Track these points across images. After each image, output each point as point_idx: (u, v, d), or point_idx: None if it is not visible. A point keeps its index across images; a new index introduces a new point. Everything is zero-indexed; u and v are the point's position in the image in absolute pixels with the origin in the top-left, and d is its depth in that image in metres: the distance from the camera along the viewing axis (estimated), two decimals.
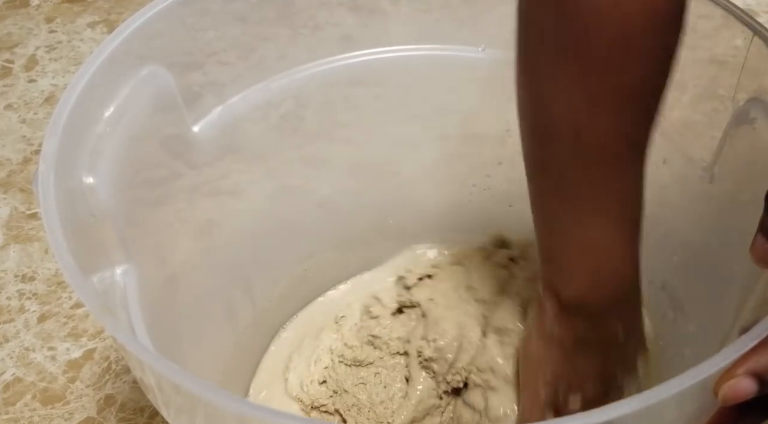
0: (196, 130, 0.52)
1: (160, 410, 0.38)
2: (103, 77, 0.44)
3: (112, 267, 0.43)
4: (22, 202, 0.71)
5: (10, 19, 0.90)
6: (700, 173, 0.50)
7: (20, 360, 0.60)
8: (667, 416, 0.33)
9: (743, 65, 0.46)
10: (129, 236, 0.44)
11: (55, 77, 0.83)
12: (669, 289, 0.54)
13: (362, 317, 0.60)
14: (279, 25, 0.54)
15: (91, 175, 0.42)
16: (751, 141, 0.46)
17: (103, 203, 0.42)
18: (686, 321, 0.52)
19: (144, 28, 0.47)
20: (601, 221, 0.42)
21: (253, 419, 0.32)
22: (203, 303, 0.53)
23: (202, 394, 0.32)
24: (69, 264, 0.36)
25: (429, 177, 0.62)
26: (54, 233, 0.37)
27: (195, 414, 0.35)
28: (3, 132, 0.78)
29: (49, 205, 0.38)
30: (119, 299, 0.42)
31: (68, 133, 0.41)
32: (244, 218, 0.56)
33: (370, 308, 0.60)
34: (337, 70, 0.56)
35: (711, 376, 0.32)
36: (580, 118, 0.39)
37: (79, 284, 0.36)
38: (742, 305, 0.44)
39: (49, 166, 0.39)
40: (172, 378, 0.32)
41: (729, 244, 0.46)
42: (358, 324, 0.60)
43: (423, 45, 0.57)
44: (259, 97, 0.54)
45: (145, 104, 0.47)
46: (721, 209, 0.49)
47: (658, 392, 0.31)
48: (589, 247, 0.43)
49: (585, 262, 0.44)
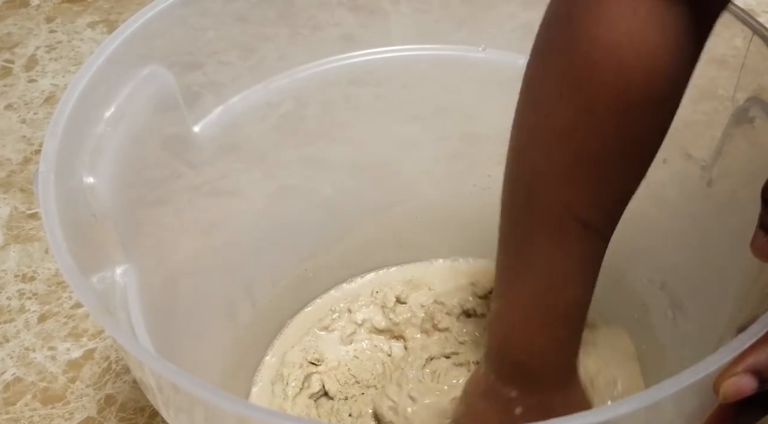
0: (196, 130, 0.52)
1: (160, 410, 0.38)
2: (103, 77, 0.44)
3: (112, 267, 0.43)
4: (22, 202, 0.71)
5: (10, 19, 0.90)
6: (699, 173, 0.50)
7: (20, 360, 0.60)
8: (665, 415, 0.33)
9: (743, 65, 0.46)
10: (129, 236, 0.44)
11: (55, 77, 0.83)
12: (669, 288, 0.54)
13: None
14: (279, 25, 0.54)
15: (92, 175, 0.42)
16: (751, 140, 0.46)
17: (104, 203, 0.42)
18: (686, 320, 0.53)
19: (144, 28, 0.47)
20: (525, 294, 0.41)
21: (251, 420, 0.32)
22: (203, 303, 0.53)
23: (201, 394, 0.32)
24: (68, 265, 0.36)
25: (429, 177, 0.62)
26: (53, 234, 0.37)
27: (194, 414, 0.35)
28: (3, 132, 0.78)
29: (48, 206, 0.38)
30: (119, 299, 0.42)
31: (68, 133, 0.41)
32: (244, 217, 0.56)
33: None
34: (337, 70, 0.56)
35: (709, 375, 0.32)
36: (535, 180, 0.38)
37: (78, 284, 0.36)
38: (740, 305, 0.44)
39: (50, 167, 0.39)
40: (171, 379, 0.32)
41: (729, 243, 0.46)
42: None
43: (423, 45, 0.57)
44: (259, 97, 0.54)
45: (145, 104, 0.47)
46: (720, 208, 0.49)
47: (656, 391, 0.31)
48: (503, 316, 0.42)
49: (498, 330, 0.43)
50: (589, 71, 0.34)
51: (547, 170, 0.37)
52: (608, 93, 0.34)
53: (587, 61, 0.34)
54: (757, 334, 0.33)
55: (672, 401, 0.31)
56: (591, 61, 0.34)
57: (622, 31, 0.33)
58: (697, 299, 0.51)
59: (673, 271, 0.53)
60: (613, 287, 0.57)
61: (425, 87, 0.58)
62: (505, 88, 0.43)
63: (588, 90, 0.34)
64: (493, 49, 0.56)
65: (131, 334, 0.40)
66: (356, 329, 0.61)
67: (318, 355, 0.59)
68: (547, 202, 0.38)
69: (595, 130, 0.35)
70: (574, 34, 0.34)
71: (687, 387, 0.31)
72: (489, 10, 0.55)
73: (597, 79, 0.34)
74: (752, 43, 0.45)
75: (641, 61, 0.33)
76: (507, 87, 0.41)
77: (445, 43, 0.57)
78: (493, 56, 0.56)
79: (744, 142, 0.47)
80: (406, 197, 0.62)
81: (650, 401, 0.30)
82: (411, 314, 0.60)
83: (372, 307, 0.62)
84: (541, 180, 0.38)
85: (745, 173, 0.47)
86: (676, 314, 0.53)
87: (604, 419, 0.30)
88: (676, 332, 0.53)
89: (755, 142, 0.45)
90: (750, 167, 0.46)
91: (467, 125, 0.58)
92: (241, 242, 0.56)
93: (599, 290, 0.58)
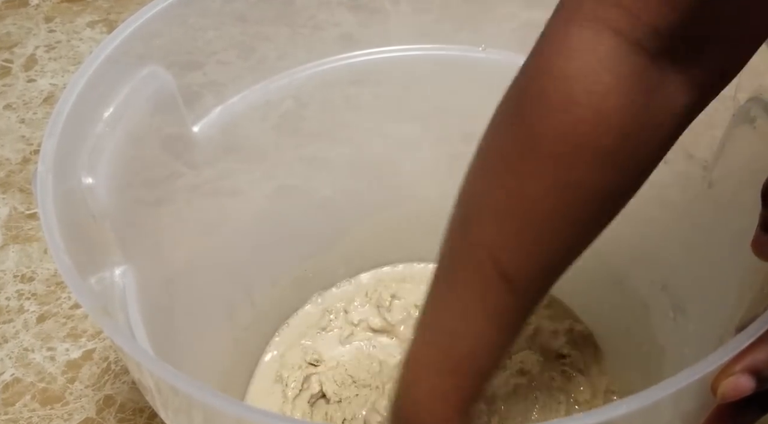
0: (195, 131, 0.52)
1: (159, 411, 0.38)
2: (102, 77, 0.44)
3: (110, 268, 0.43)
4: (21, 203, 0.71)
5: (9, 18, 0.90)
6: (701, 173, 0.50)
7: (19, 361, 0.60)
8: (664, 416, 0.33)
9: None
10: (128, 237, 0.44)
11: (55, 77, 0.83)
12: (669, 289, 0.54)
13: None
14: (279, 24, 0.54)
15: (90, 175, 0.42)
16: (752, 140, 0.46)
17: (102, 204, 0.42)
18: (686, 321, 0.52)
19: (144, 28, 0.47)
20: (426, 332, 0.37)
21: (250, 422, 0.32)
22: (202, 303, 0.53)
23: (199, 396, 0.32)
24: (66, 265, 0.36)
25: (429, 177, 0.61)
26: (52, 234, 0.37)
27: (193, 416, 0.35)
28: (2, 132, 0.78)
29: (47, 206, 0.38)
30: (118, 299, 0.42)
31: (67, 133, 0.41)
32: (244, 217, 0.56)
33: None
34: (337, 70, 0.56)
35: (707, 375, 0.32)
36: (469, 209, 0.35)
37: (76, 285, 0.35)
38: (740, 305, 0.44)
39: (48, 167, 0.39)
40: (169, 381, 0.32)
41: (730, 243, 0.46)
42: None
43: (423, 45, 0.57)
44: (259, 97, 0.54)
45: (144, 104, 0.47)
46: (721, 208, 0.49)
47: (655, 391, 0.30)
48: (406, 352, 0.38)
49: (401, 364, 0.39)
50: (537, 100, 0.32)
51: (481, 200, 0.34)
52: (553, 127, 0.31)
53: (537, 89, 0.32)
54: (756, 333, 0.32)
55: (670, 401, 0.31)
56: (541, 90, 0.32)
57: (577, 65, 0.31)
58: (698, 300, 0.51)
59: (674, 272, 0.53)
60: (614, 288, 0.57)
61: (425, 87, 0.58)
62: (505, 88, 0.43)
63: (532, 119, 0.32)
64: (493, 49, 0.56)
65: (130, 335, 0.40)
66: (353, 329, 0.61)
67: (317, 355, 0.59)
68: (474, 236, 0.34)
69: (533, 166, 0.32)
70: (536, 61, 0.32)
71: (685, 387, 0.31)
72: (489, 10, 0.55)
73: (543, 110, 0.32)
74: None
75: (590, 100, 0.31)
76: (507, 87, 0.40)
77: (445, 43, 0.57)
78: (493, 56, 0.56)
79: (745, 141, 0.46)
80: (405, 197, 0.62)
81: (648, 401, 0.30)
82: (407, 314, 0.60)
83: (368, 307, 0.62)
84: (475, 209, 0.35)
85: (746, 173, 0.47)
86: (677, 314, 0.53)
87: (604, 419, 0.30)
88: (677, 333, 0.53)
89: (756, 142, 0.45)
90: (751, 167, 0.46)
91: (467, 125, 0.58)
92: (240, 242, 0.56)
93: (600, 291, 0.59)
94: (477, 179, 0.35)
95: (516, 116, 0.33)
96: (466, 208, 0.35)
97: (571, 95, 0.31)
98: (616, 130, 0.31)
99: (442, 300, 0.36)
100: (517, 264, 0.33)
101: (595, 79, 0.30)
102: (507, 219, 0.33)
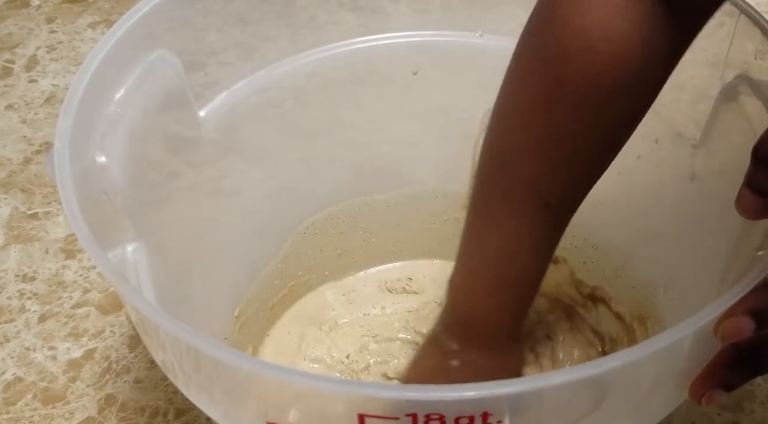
0: (196, 131, 0.52)
1: (176, 376, 0.38)
2: (101, 77, 0.44)
3: (123, 244, 0.43)
4: (22, 202, 0.71)
5: (10, 19, 0.90)
6: (690, 151, 0.51)
7: (21, 360, 0.60)
8: (654, 370, 0.34)
9: (730, 43, 0.47)
10: (139, 215, 0.44)
11: (56, 77, 0.83)
12: (667, 285, 0.54)
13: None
14: (279, 25, 0.54)
15: (104, 154, 0.42)
16: (738, 116, 0.46)
17: (115, 182, 0.43)
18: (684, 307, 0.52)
19: (144, 28, 0.47)
20: (477, 257, 0.43)
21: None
22: (201, 302, 0.53)
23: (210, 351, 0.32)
24: (85, 234, 0.36)
25: (429, 177, 0.62)
26: (70, 205, 0.37)
27: (215, 387, 0.35)
28: (4, 132, 0.78)
29: (65, 179, 0.38)
30: (130, 276, 0.42)
31: (81, 112, 0.41)
32: (244, 217, 0.57)
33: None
34: (337, 70, 0.56)
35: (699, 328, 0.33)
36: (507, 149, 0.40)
37: (95, 252, 0.36)
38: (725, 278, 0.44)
39: (65, 143, 0.40)
40: (192, 343, 0.33)
41: (719, 217, 0.46)
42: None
43: (423, 45, 0.57)
44: (259, 97, 0.55)
45: (149, 101, 0.47)
46: (710, 185, 0.49)
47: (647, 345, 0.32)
48: (456, 275, 0.44)
49: (451, 287, 0.45)
50: (559, 53, 0.36)
51: (518, 142, 0.39)
52: (577, 75, 0.36)
53: (558, 43, 0.36)
54: (753, 282, 0.34)
55: (664, 353, 0.32)
56: (562, 44, 0.36)
57: (593, 18, 0.35)
58: (695, 297, 0.51)
59: (671, 269, 0.53)
60: (612, 284, 0.58)
61: (425, 86, 0.58)
62: None
63: (557, 71, 0.36)
64: (494, 49, 0.56)
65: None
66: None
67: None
68: (513, 173, 0.39)
69: (563, 108, 0.37)
70: (551, 17, 0.36)
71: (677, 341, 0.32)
72: (489, 11, 0.56)
73: (566, 61, 0.36)
74: (739, 22, 0.46)
75: (612, 48, 0.35)
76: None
77: (445, 43, 0.57)
78: (494, 56, 0.56)
79: (732, 118, 0.47)
80: (406, 197, 0.62)
81: (640, 354, 0.31)
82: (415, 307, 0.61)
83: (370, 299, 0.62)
84: (511, 150, 0.39)
85: (733, 149, 0.47)
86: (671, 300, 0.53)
87: (596, 372, 0.31)
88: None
89: (742, 119, 0.46)
90: (738, 143, 0.46)
91: (467, 125, 0.58)
92: (240, 242, 0.56)
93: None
94: (508, 123, 0.40)
95: (540, 71, 0.37)
96: (500, 150, 0.40)
97: (592, 46, 0.35)
98: (634, 69, 0.36)
99: (487, 232, 0.42)
100: (557, 191, 0.39)
101: (614, 28, 0.35)
102: (543, 153, 0.38)
